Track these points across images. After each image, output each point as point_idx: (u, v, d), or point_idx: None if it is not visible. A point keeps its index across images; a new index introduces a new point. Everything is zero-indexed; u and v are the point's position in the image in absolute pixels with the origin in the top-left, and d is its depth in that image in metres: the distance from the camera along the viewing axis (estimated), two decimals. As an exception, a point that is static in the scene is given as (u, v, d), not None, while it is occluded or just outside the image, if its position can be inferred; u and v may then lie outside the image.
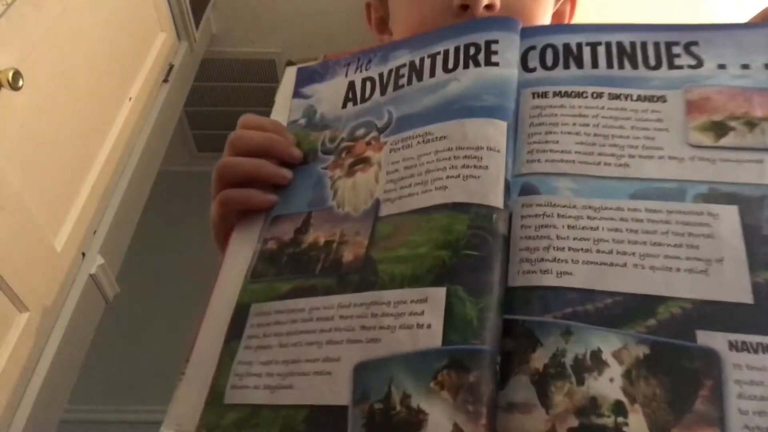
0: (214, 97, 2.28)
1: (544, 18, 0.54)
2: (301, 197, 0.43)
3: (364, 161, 0.42)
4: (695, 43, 0.40)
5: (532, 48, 0.43)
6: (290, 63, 0.52)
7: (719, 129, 0.36)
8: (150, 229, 1.72)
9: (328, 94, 0.48)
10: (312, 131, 0.46)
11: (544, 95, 0.41)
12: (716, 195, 0.34)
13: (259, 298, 0.39)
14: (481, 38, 0.43)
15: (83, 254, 1.23)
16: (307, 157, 0.45)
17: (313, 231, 0.41)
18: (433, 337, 0.32)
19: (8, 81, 0.93)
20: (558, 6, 0.57)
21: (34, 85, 1.02)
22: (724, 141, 0.36)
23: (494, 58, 0.42)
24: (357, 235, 0.39)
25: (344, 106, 0.47)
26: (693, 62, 0.39)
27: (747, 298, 0.30)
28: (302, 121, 0.48)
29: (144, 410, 2.05)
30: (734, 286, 0.31)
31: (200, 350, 0.38)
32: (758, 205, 0.33)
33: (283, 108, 0.49)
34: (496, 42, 0.43)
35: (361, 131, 0.44)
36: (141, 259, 1.78)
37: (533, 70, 0.42)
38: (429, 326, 0.32)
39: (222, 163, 0.44)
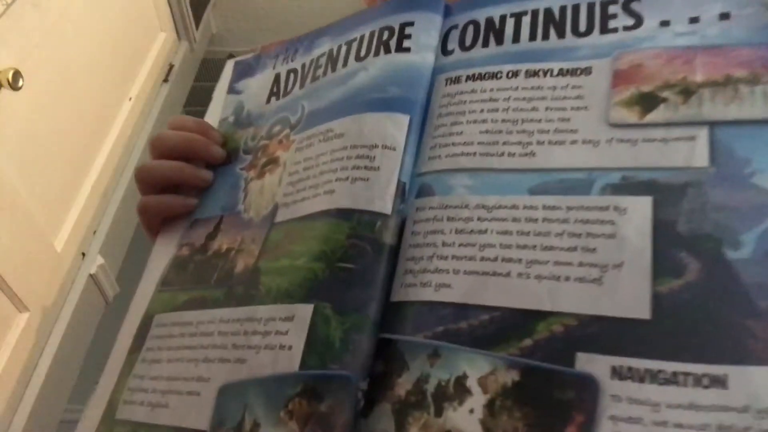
0: (214, 97, 2.28)
1: None
2: (217, 200, 0.39)
3: (273, 161, 0.38)
4: None
5: (455, 27, 0.37)
6: (231, 56, 0.49)
7: (647, 102, 0.30)
8: (150, 229, 1.72)
9: (256, 89, 0.44)
10: (238, 129, 0.43)
11: (457, 80, 0.35)
12: (629, 185, 0.28)
13: (162, 309, 0.36)
14: (396, 21, 0.38)
15: (83, 254, 1.23)
16: (230, 156, 0.41)
17: (221, 237, 0.37)
18: (291, 360, 0.29)
19: (8, 81, 0.93)
20: None
21: (34, 85, 1.02)
22: (651, 116, 0.30)
23: (406, 43, 0.37)
24: (252, 242, 0.35)
25: (268, 101, 0.43)
26: (630, 22, 0.33)
27: (644, 312, 0.25)
28: (231, 119, 0.44)
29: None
30: (630, 297, 0.25)
31: (110, 361, 0.36)
32: (678, 195, 0.27)
33: (218, 104, 0.46)
34: (411, 24, 0.37)
35: (277, 128, 0.40)
36: (141, 259, 1.77)
37: (451, 52, 0.37)
38: (290, 348, 0.29)
39: (138, 168, 0.41)
